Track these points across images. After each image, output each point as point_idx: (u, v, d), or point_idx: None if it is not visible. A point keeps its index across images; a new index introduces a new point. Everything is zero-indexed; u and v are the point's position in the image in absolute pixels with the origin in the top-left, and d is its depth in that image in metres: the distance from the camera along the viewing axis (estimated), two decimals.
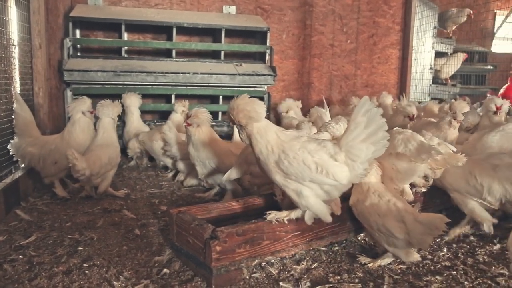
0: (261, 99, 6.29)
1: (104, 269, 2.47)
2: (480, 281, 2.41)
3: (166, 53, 6.48)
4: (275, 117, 6.58)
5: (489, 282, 2.40)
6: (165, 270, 2.48)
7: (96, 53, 6.27)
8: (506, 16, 12.54)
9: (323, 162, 2.36)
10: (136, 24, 6.06)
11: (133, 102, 5.33)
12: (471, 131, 4.50)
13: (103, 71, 5.50)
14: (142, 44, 6.35)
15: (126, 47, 6.24)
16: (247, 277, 2.41)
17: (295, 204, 2.50)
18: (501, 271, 2.53)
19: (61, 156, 3.65)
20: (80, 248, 2.76)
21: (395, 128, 3.22)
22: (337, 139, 3.10)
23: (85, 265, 2.52)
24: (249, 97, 2.52)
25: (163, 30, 6.48)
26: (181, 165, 4.36)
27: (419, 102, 6.81)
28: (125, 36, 6.20)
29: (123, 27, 5.93)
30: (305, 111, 6.11)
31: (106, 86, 5.68)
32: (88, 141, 3.94)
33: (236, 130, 4.07)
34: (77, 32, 6.11)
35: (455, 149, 3.21)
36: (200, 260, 2.37)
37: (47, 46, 4.72)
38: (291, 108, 5.95)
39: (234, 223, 2.49)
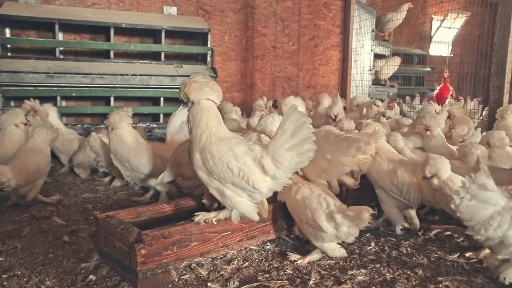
0: None
1: (25, 279, 2.37)
2: (401, 271, 2.53)
3: (105, 55, 6.32)
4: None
5: (409, 272, 2.52)
6: (91, 276, 2.40)
7: (29, 53, 6.00)
8: (442, 21, 13.26)
9: (246, 169, 2.39)
10: (71, 24, 5.87)
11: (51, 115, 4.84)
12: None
13: (35, 73, 5.28)
14: (78, 44, 6.15)
15: (61, 48, 6.01)
16: (176, 279, 2.39)
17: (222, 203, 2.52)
18: (421, 261, 2.67)
19: None
20: (1, 259, 2.62)
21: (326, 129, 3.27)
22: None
23: (4, 276, 2.40)
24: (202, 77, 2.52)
25: (101, 30, 6.31)
26: (117, 171, 4.26)
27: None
28: (60, 36, 5.98)
29: (56, 26, 5.71)
30: (249, 112, 6.15)
31: (40, 88, 5.44)
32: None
33: (169, 132, 4.05)
34: (7, 31, 5.82)
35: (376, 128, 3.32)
36: (126, 264, 2.33)
37: None
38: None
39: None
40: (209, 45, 6.55)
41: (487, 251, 2.69)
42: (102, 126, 5.59)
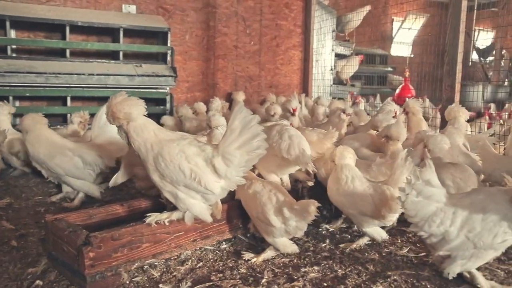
0: (163, 100, 6.31)
1: None
2: (353, 267, 2.58)
3: (61, 53, 6.13)
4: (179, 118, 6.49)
5: (360, 267, 2.57)
6: (38, 281, 2.33)
7: None
8: (402, 22, 13.66)
9: (198, 170, 2.39)
10: (24, 21, 5.66)
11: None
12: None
13: None
14: (31, 42, 5.94)
15: (13, 46, 5.79)
16: (127, 282, 2.35)
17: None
18: (372, 257, 2.73)
19: None
20: None
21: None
22: None
23: None
24: (126, 96, 2.52)
25: (57, 28, 6.11)
26: None
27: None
28: (12, 33, 5.77)
29: (7, 23, 5.49)
30: None
31: None
32: None
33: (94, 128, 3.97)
34: None
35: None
36: (74, 268, 2.27)
37: None
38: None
39: None
40: (169, 44, 6.47)
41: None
42: (59, 126, 5.44)
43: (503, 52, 13.10)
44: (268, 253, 2.66)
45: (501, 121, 5.79)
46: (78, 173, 3.56)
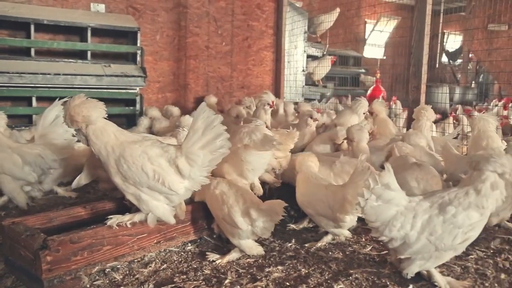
0: (133, 101, 6.23)
1: None
2: (316, 266, 2.60)
3: (26, 52, 5.97)
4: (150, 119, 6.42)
5: (323, 266, 2.60)
6: None
7: None
8: (375, 25, 13.91)
9: (161, 170, 2.38)
10: None
11: None
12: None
13: None
14: None
15: None
16: (88, 285, 2.30)
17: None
18: (336, 256, 2.76)
19: None
20: None
21: (241, 125, 3.31)
22: None
23: None
24: (85, 99, 2.48)
25: (22, 26, 5.95)
26: None
27: (295, 103, 7.17)
28: None
29: None
30: (184, 112, 6.05)
31: None
32: None
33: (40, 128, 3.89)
34: None
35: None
36: (32, 272, 2.22)
37: None
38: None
39: None
40: (139, 44, 6.39)
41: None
42: (24, 128, 5.30)
43: (470, 55, 13.49)
44: (233, 255, 2.65)
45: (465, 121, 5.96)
46: (17, 172, 3.44)
